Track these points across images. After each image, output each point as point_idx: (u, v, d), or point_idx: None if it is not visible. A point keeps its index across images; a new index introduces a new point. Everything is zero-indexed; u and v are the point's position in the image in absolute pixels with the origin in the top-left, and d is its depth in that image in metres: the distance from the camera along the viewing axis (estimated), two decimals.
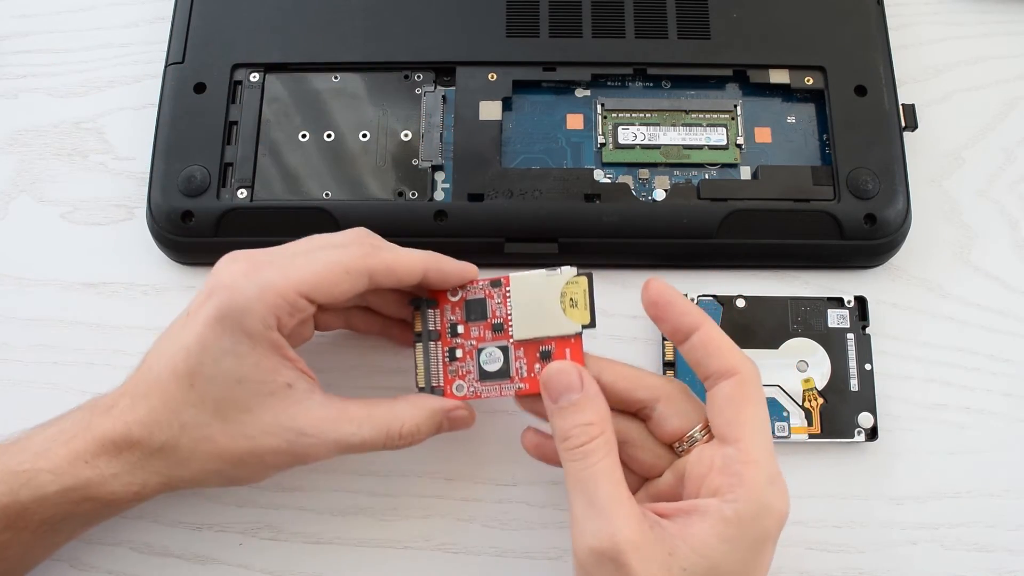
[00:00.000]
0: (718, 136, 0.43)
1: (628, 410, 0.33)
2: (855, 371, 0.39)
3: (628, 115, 0.43)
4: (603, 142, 0.43)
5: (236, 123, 0.42)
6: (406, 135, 0.42)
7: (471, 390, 0.35)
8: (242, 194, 0.41)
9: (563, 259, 0.39)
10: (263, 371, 0.32)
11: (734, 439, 0.30)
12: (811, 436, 0.39)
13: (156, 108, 0.43)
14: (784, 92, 0.44)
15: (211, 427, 0.32)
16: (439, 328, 0.35)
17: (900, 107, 0.42)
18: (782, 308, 0.40)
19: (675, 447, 0.33)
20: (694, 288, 0.41)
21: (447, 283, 0.35)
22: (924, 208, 0.43)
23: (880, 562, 0.37)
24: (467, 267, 0.35)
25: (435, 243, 0.36)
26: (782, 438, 0.38)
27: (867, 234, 0.40)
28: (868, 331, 0.40)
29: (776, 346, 0.40)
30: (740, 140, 0.42)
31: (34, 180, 0.44)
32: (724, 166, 0.42)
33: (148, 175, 0.41)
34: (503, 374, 0.34)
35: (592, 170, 0.42)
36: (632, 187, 0.42)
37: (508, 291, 0.34)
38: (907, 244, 0.41)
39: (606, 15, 0.44)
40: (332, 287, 0.32)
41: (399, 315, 0.37)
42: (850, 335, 0.40)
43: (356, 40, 0.43)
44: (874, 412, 0.39)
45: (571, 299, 0.34)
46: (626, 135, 0.43)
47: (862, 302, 0.40)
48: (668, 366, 0.40)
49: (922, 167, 0.43)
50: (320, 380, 0.34)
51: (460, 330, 0.35)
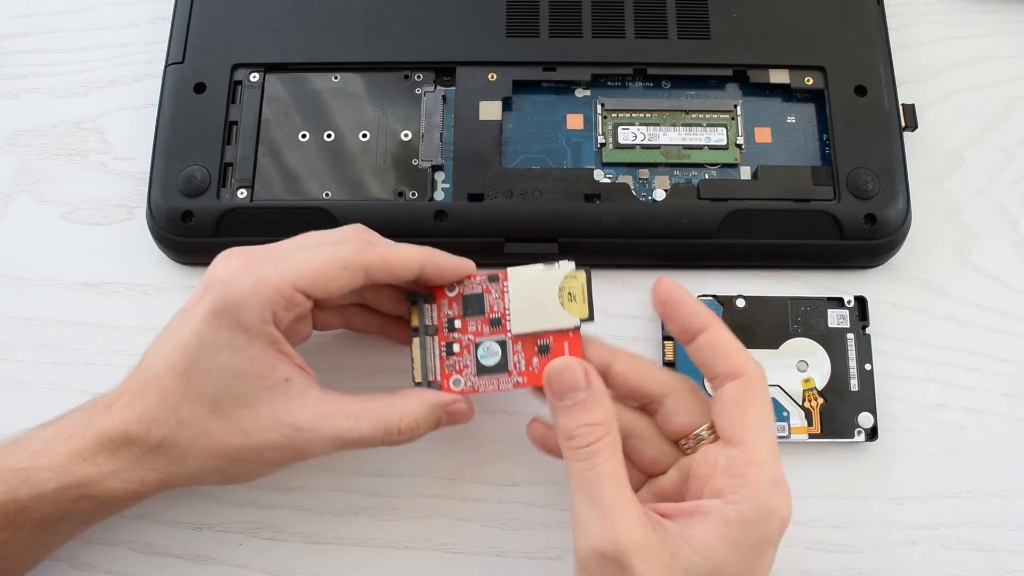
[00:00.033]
0: (718, 136, 0.43)
1: (636, 403, 0.33)
2: (855, 371, 0.39)
3: (628, 115, 0.43)
4: (603, 142, 0.43)
5: (236, 123, 0.42)
6: (406, 135, 0.42)
7: (468, 384, 0.34)
8: (242, 194, 0.41)
9: (563, 258, 0.39)
10: (260, 366, 0.32)
11: (739, 441, 0.30)
12: (811, 436, 0.39)
13: (156, 108, 0.43)
14: (784, 92, 0.44)
15: (208, 422, 0.32)
16: (436, 323, 0.35)
17: (900, 107, 0.42)
18: (782, 308, 0.40)
19: (681, 444, 0.32)
20: (694, 288, 0.41)
21: (444, 278, 0.35)
22: (924, 208, 0.43)
23: (880, 562, 0.37)
24: (464, 262, 0.35)
25: (435, 243, 0.36)
26: (782, 438, 0.38)
27: (867, 234, 0.40)
28: (868, 331, 0.40)
29: (776, 346, 0.40)
30: (740, 140, 0.42)
31: (34, 180, 0.44)
32: (724, 166, 0.42)
33: (148, 175, 0.41)
34: (501, 368, 0.34)
35: (592, 170, 0.42)
36: (632, 187, 0.42)
37: (506, 286, 0.34)
38: (907, 244, 0.41)
39: (606, 15, 0.44)
40: (328, 282, 0.32)
41: (397, 312, 0.37)
42: (850, 335, 0.40)
43: (356, 40, 0.43)
44: (874, 412, 0.39)
45: (569, 293, 0.34)
46: (626, 135, 0.43)
47: (862, 302, 0.40)
48: (668, 365, 0.40)
49: (922, 167, 0.43)
50: (320, 380, 0.34)
51: (457, 325, 0.35)
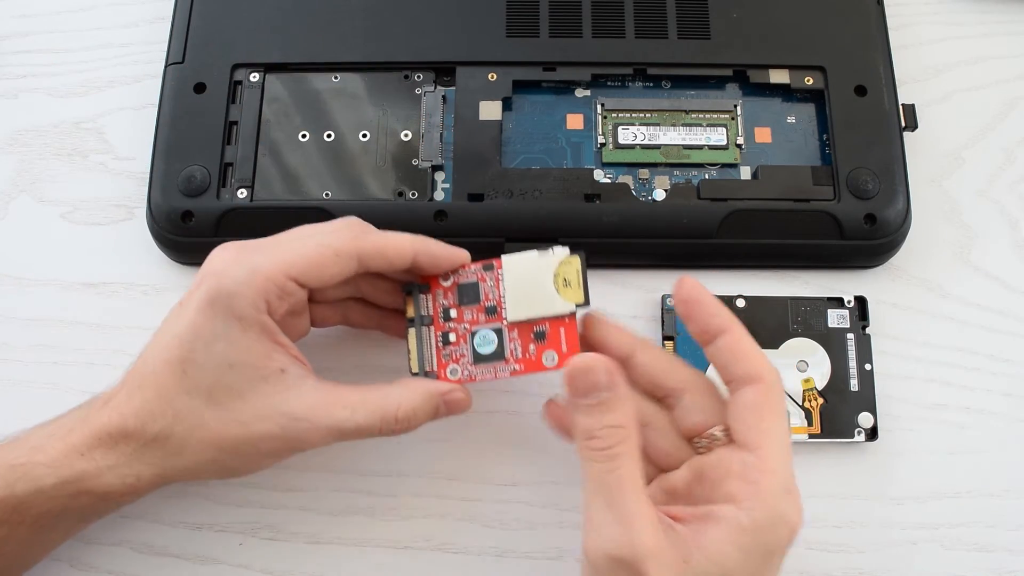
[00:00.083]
0: (718, 136, 0.43)
1: (653, 395, 0.33)
2: (855, 371, 0.39)
3: (628, 115, 0.43)
4: (603, 142, 0.43)
5: (236, 123, 0.42)
6: (406, 135, 0.42)
7: (466, 373, 0.34)
8: (242, 194, 0.41)
9: (557, 244, 0.38)
10: (255, 356, 0.32)
11: (754, 446, 0.30)
12: (811, 436, 0.39)
13: (156, 108, 0.43)
14: (784, 92, 0.43)
15: (204, 413, 0.32)
16: (432, 313, 0.35)
17: (900, 107, 0.42)
18: (782, 308, 0.40)
19: (694, 442, 0.32)
20: None
21: (438, 267, 0.35)
22: (924, 208, 0.43)
23: (880, 562, 0.37)
24: (458, 251, 0.35)
25: None
26: None
27: (867, 234, 0.40)
28: (868, 331, 0.40)
29: (776, 346, 0.40)
30: (740, 140, 0.42)
31: (34, 180, 0.44)
32: (724, 166, 0.42)
33: (148, 175, 0.41)
34: (497, 356, 0.34)
35: (592, 170, 0.42)
36: (632, 187, 0.42)
37: (500, 274, 0.34)
38: (907, 244, 0.41)
39: (606, 15, 0.44)
40: (321, 270, 0.32)
41: (395, 305, 0.37)
42: (850, 335, 0.40)
43: (356, 40, 0.43)
44: (874, 412, 0.39)
45: (564, 279, 0.33)
46: (626, 135, 0.43)
47: (862, 302, 0.40)
48: None
49: (922, 167, 0.43)
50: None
51: (453, 314, 0.35)
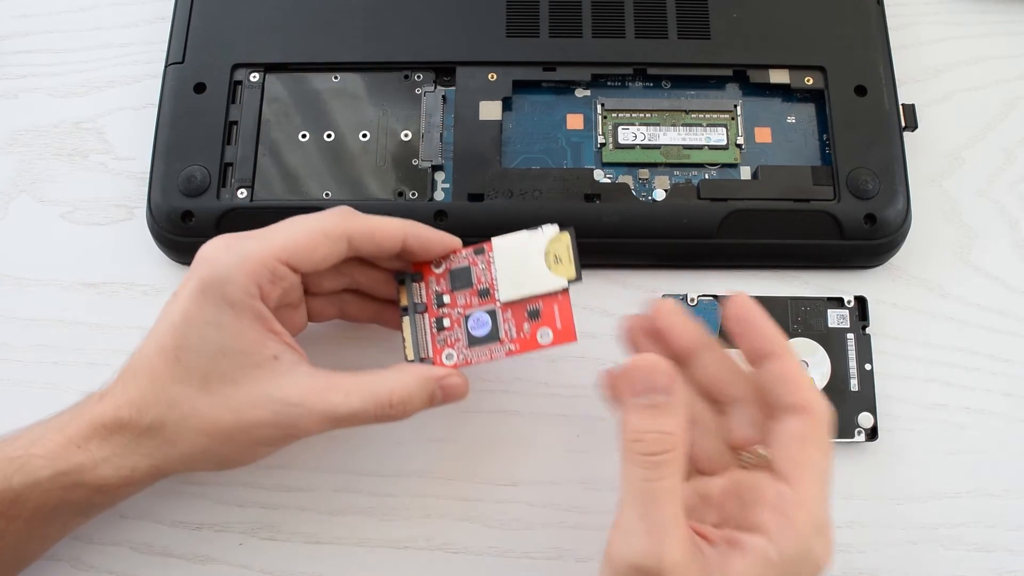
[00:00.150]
0: (718, 136, 0.43)
1: (708, 396, 0.32)
2: (855, 371, 0.39)
3: (628, 115, 0.43)
4: (603, 142, 0.43)
5: (236, 123, 0.42)
6: (406, 135, 0.42)
7: (461, 357, 0.34)
8: (242, 194, 0.41)
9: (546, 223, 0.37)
10: (248, 342, 0.32)
11: (793, 479, 0.29)
12: None
13: (156, 108, 0.43)
14: (784, 92, 0.43)
15: (197, 400, 0.32)
16: (425, 300, 0.35)
17: (900, 107, 0.42)
18: (782, 308, 0.40)
19: (741, 455, 0.31)
20: (694, 288, 0.41)
21: (429, 252, 0.35)
22: (924, 208, 0.43)
23: (880, 562, 0.37)
24: (448, 237, 0.35)
25: None
26: None
27: (867, 234, 0.40)
28: (868, 331, 0.40)
29: None
30: (740, 140, 0.42)
31: (34, 180, 0.44)
32: (724, 166, 0.42)
33: (148, 175, 0.41)
34: (492, 337, 0.34)
35: (592, 170, 0.42)
36: (632, 187, 0.42)
37: (492, 256, 0.34)
38: (907, 244, 0.41)
39: (606, 15, 0.44)
40: (312, 251, 0.33)
41: (391, 296, 0.37)
42: (850, 335, 0.40)
43: (356, 40, 0.43)
44: (874, 412, 0.39)
45: (555, 256, 0.34)
46: (626, 135, 0.43)
47: (862, 302, 0.40)
48: None
49: (922, 167, 0.43)
50: None
51: (446, 300, 0.35)
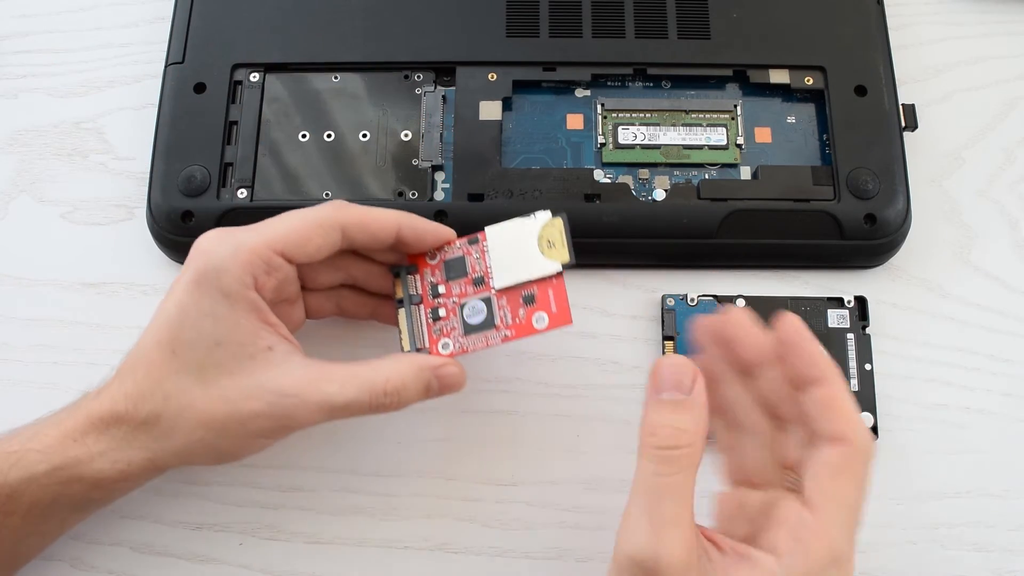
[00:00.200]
0: (718, 136, 0.43)
1: (769, 412, 0.31)
2: (855, 371, 0.39)
3: (628, 115, 0.43)
4: (603, 142, 0.43)
5: (236, 123, 0.42)
6: (406, 135, 0.42)
7: (457, 345, 0.34)
8: (242, 194, 0.41)
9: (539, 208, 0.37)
10: (243, 333, 0.32)
11: (816, 507, 0.28)
12: None
13: (156, 108, 0.43)
14: (784, 92, 0.43)
15: (192, 392, 0.32)
16: (420, 291, 0.35)
17: (900, 107, 0.42)
18: (782, 308, 0.40)
19: (786, 475, 0.31)
20: (694, 288, 0.41)
21: (423, 242, 0.35)
22: (924, 208, 0.43)
23: (880, 562, 0.37)
24: (442, 227, 0.35)
25: None
26: None
27: (867, 234, 0.40)
28: (868, 331, 0.40)
29: None
30: (740, 140, 0.42)
31: (34, 180, 0.44)
32: (724, 166, 0.42)
33: (148, 175, 0.41)
34: (488, 325, 0.34)
35: (592, 170, 0.42)
36: (632, 187, 0.42)
37: (485, 245, 0.35)
38: (907, 244, 0.41)
39: (606, 15, 0.44)
40: (306, 242, 0.33)
41: (387, 291, 0.37)
42: (850, 335, 0.40)
43: (356, 40, 0.43)
44: (874, 412, 0.39)
45: (548, 241, 0.34)
46: (626, 135, 0.43)
47: (862, 302, 0.40)
48: None
49: (922, 167, 0.43)
50: None
51: (441, 290, 0.35)
